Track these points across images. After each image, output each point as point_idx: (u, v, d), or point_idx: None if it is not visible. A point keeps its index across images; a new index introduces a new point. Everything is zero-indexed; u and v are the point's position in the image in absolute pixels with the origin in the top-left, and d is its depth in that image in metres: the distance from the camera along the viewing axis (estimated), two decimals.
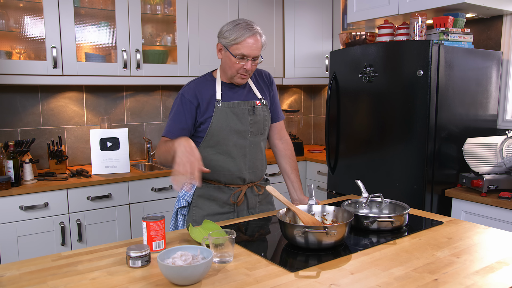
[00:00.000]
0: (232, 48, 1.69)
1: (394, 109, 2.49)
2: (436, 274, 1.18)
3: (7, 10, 2.68)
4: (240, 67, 1.71)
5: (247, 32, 1.67)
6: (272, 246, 1.44)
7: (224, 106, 1.76)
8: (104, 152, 2.81)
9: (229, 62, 1.73)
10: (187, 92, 1.77)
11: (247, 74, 1.75)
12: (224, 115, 1.76)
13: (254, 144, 1.84)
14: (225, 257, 1.26)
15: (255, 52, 1.70)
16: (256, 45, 1.69)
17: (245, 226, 1.64)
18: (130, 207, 2.75)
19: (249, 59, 1.70)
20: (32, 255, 2.40)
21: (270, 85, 1.95)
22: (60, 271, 1.21)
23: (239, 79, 1.76)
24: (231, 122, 1.77)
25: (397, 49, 2.46)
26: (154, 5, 3.13)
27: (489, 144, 2.35)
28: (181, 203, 1.83)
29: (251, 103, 1.82)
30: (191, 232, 1.44)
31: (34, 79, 2.63)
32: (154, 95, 3.40)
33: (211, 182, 1.82)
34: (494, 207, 2.21)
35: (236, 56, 1.69)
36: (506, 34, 2.69)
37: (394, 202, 1.68)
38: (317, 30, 3.64)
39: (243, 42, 1.67)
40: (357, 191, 1.82)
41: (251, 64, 1.72)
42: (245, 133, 1.80)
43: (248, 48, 1.68)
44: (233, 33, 1.68)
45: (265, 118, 1.86)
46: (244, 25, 1.69)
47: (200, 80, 1.82)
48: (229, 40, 1.69)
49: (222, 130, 1.76)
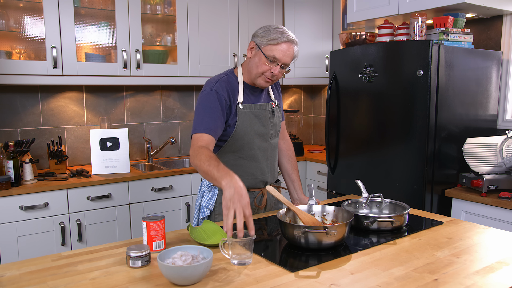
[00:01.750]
0: (266, 48, 1.65)
1: (394, 109, 2.49)
2: (436, 274, 1.18)
3: (7, 10, 2.68)
4: (267, 69, 1.67)
5: (284, 37, 1.64)
6: (272, 246, 1.44)
7: (246, 109, 1.73)
8: (104, 152, 2.81)
9: (258, 62, 1.68)
10: (221, 89, 1.69)
11: (272, 79, 1.71)
12: (248, 119, 1.73)
13: (274, 147, 1.83)
14: (243, 259, 1.25)
15: (286, 59, 1.66)
16: (289, 52, 1.66)
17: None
18: (130, 207, 2.75)
19: (279, 64, 1.66)
20: (32, 255, 2.40)
21: (278, 85, 1.96)
22: (60, 271, 1.21)
23: (262, 82, 1.72)
24: (255, 126, 1.74)
25: (397, 49, 2.46)
26: (154, 5, 3.13)
27: (489, 144, 2.35)
28: (205, 213, 1.79)
29: (269, 105, 1.80)
30: (191, 232, 1.44)
31: (34, 79, 2.63)
32: (154, 95, 3.40)
33: None
34: (494, 207, 2.21)
35: (268, 57, 1.65)
36: (506, 34, 2.69)
37: (394, 202, 1.68)
38: (317, 30, 3.64)
39: (278, 45, 1.64)
40: (357, 191, 1.82)
41: (279, 70, 1.68)
42: (266, 136, 1.78)
43: (282, 52, 1.64)
44: (270, 34, 1.65)
45: (279, 120, 1.86)
46: (282, 30, 1.66)
47: (227, 78, 1.75)
48: (264, 39, 1.65)
49: (247, 134, 1.73)
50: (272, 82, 1.73)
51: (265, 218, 1.74)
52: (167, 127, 3.49)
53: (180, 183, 2.92)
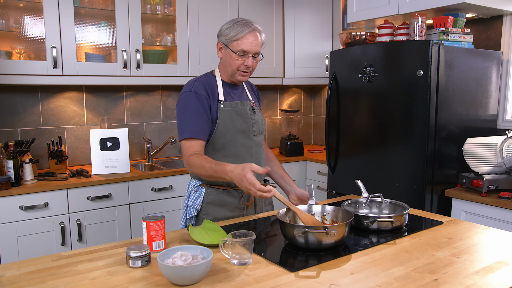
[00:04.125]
0: (233, 45, 1.70)
1: (394, 109, 2.49)
2: (436, 274, 1.18)
3: (7, 10, 2.68)
4: (241, 63, 1.72)
5: (246, 28, 1.68)
6: (272, 246, 1.44)
7: (227, 106, 1.75)
8: (104, 152, 2.81)
9: (229, 60, 1.73)
10: (199, 89, 1.72)
11: (248, 71, 1.75)
12: (229, 116, 1.75)
13: (258, 144, 1.84)
14: (244, 259, 1.25)
15: (255, 48, 1.71)
16: (256, 41, 1.70)
17: (244, 227, 1.64)
18: (130, 207, 2.75)
19: (250, 55, 1.71)
20: (32, 255, 2.40)
21: (258, 97, 2.00)
22: (60, 271, 1.21)
23: (240, 76, 1.76)
24: (237, 123, 1.76)
25: (397, 49, 2.46)
26: (154, 5, 3.13)
27: (489, 144, 2.35)
28: (191, 213, 1.79)
29: (249, 103, 1.83)
30: (191, 232, 1.44)
31: (34, 79, 2.63)
32: (154, 95, 3.40)
33: (220, 187, 1.79)
34: (494, 207, 2.21)
35: (237, 53, 1.69)
36: (506, 34, 2.69)
37: (394, 202, 1.69)
38: (317, 30, 3.64)
39: (243, 38, 1.68)
40: (357, 191, 1.82)
41: (251, 60, 1.72)
42: (249, 133, 1.80)
43: (249, 44, 1.69)
44: (232, 30, 1.69)
45: (261, 118, 1.89)
46: (243, 22, 1.70)
47: (205, 78, 1.79)
48: (229, 37, 1.70)
49: (228, 131, 1.74)
50: (249, 74, 1.78)
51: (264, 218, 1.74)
52: (167, 127, 3.49)
53: (180, 183, 2.92)
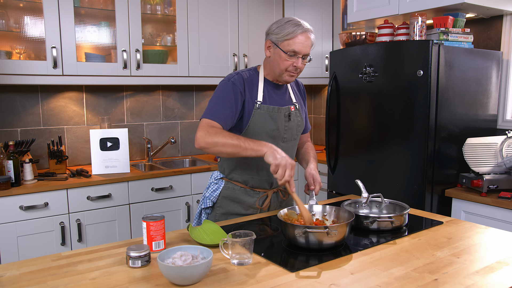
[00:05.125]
0: (283, 44, 1.64)
1: (394, 109, 2.49)
2: (436, 274, 1.18)
3: (7, 10, 2.68)
4: (290, 64, 1.66)
5: (299, 29, 1.63)
6: (272, 246, 1.44)
7: (263, 109, 1.70)
8: (104, 152, 2.81)
9: (278, 60, 1.67)
10: (238, 82, 1.69)
11: (296, 72, 1.70)
12: (262, 119, 1.71)
13: (286, 150, 1.78)
14: (244, 259, 1.25)
15: (306, 49, 1.65)
16: (307, 42, 1.65)
17: (245, 226, 1.64)
18: (130, 207, 2.75)
19: (300, 56, 1.66)
20: (32, 255, 2.40)
21: (304, 95, 1.95)
22: (60, 271, 1.21)
23: (287, 77, 1.71)
24: (268, 128, 1.72)
25: (397, 49, 2.46)
26: (154, 5, 3.13)
27: (489, 144, 2.35)
28: (207, 203, 1.80)
29: (287, 108, 1.77)
30: (191, 232, 1.44)
31: (34, 79, 2.63)
32: (154, 95, 3.40)
33: (238, 184, 1.79)
34: (494, 207, 2.21)
35: (287, 53, 1.64)
36: (506, 34, 2.69)
37: (394, 202, 1.68)
38: (317, 30, 3.64)
39: (294, 38, 1.63)
40: (357, 191, 1.82)
41: (301, 61, 1.67)
42: (278, 139, 1.76)
43: (300, 45, 1.64)
44: (284, 29, 1.64)
45: (298, 124, 1.83)
46: (295, 22, 1.65)
47: (248, 73, 1.75)
48: (280, 36, 1.64)
49: (258, 134, 1.71)
50: (297, 75, 1.73)
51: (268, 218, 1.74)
52: (167, 127, 3.49)
53: (180, 183, 2.92)
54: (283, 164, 1.46)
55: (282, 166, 1.46)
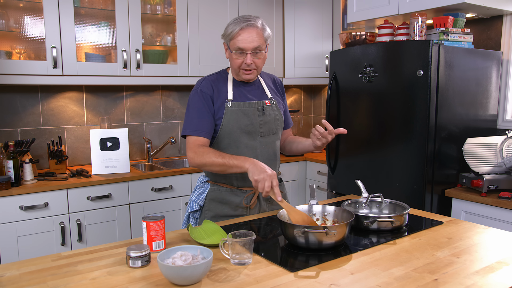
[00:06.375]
0: (231, 43, 1.67)
1: (394, 109, 2.49)
2: (436, 274, 1.18)
3: (7, 10, 2.68)
4: (240, 62, 1.67)
5: (238, 26, 1.62)
6: (272, 246, 1.44)
7: (234, 106, 1.72)
8: (104, 152, 2.81)
9: (231, 59, 1.70)
10: (206, 87, 1.72)
11: (251, 69, 1.69)
12: (235, 116, 1.71)
13: (266, 145, 1.79)
14: (244, 259, 1.25)
15: (251, 45, 1.63)
16: (251, 37, 1.62)
17: (244, 226, 1.64)
18: (130, 207, 2.75)
19: (248, 52, 1.64)
20: (32, 255, 2.40)
21: (282, 91, 1.93)
22: (60, 271, 1.21)
23: (244, 75, 1.71)
24: (242, 123, 1.72)
25: (397, 49, 2.46)
26: (154, 5, 3.13)
27: (489, 144, 2.35)
28: (193, 207, 1.80)
29: (260, 103, 1.77)
30: (191, 232, 1.44)
31: (34, 79, 2.63)
32: (154, 95, 3.40)
33: (224, 185, 1.79)
34: (494, 207, 2.21)
35: (234, 51, 1.65)
36: (506, 34, 2.69)
37: (394, 202, 1.68)
38: (317, 30, 3.64)
39: (236, 35, 1.63)
40: (357, 191, 1.82)
41: (251, 58, 1.65)
42: (255, 134, 1.76)
43: (243, 41, 1.62)
44: (228, 29, 1.66)
45: (276, 118, 1.81)
46: (239, 19, 1.64)
47: (215, 76, 1.78)
48: (226, 36, 1.67)
49: (233, 132, 1.72)
50: (252, 72, 1.71)
51: (267, 218, 1.74)
52: (167, 127, 3.49)
53: (180, 183, 2.92)
54: (262, 178, 1.48)
55: (261, 180, 1.48)
